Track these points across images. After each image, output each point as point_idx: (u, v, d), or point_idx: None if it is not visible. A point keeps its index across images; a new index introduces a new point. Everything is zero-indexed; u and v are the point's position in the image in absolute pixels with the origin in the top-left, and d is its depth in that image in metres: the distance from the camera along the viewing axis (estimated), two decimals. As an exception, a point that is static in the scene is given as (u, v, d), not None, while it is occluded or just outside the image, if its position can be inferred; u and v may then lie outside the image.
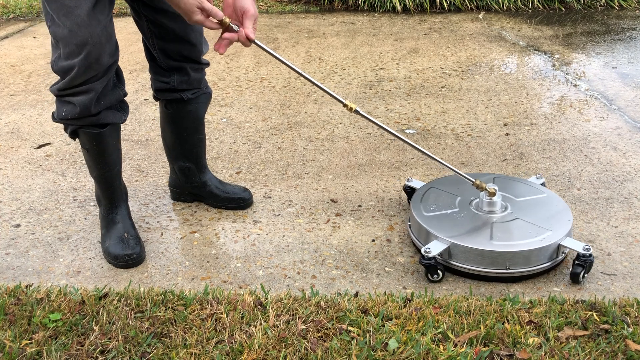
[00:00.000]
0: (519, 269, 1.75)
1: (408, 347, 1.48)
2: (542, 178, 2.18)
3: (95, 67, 1.69)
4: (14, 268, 1.89)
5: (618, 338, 1.51)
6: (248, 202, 2.21)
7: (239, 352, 1.48)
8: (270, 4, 5.94)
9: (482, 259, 1.74)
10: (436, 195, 2.02)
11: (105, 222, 1.99)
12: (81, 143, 1.88)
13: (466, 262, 1.77)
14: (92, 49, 1.65)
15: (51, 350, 1.49)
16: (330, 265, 1.88)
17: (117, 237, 1.93)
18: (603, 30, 4.69)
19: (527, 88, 3.43)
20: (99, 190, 1.98)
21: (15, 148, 2.78)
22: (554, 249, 1.77)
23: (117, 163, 1.94)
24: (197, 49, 1.93)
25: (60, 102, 1.81)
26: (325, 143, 2.76)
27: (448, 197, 2.01)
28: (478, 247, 1.74)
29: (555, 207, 1.94)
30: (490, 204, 1.91)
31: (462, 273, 1.79)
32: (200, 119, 2.08)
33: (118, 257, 1.88)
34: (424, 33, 4.72)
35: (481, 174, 2.18)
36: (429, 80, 3.58)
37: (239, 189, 2.22)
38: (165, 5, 1.80)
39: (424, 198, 2.00)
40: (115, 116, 1.84)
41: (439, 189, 2.06)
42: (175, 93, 1.99)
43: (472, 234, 1.81)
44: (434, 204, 1.96)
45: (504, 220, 1.87)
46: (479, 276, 1.78)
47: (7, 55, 4.34)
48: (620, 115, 3.01)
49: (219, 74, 3.80)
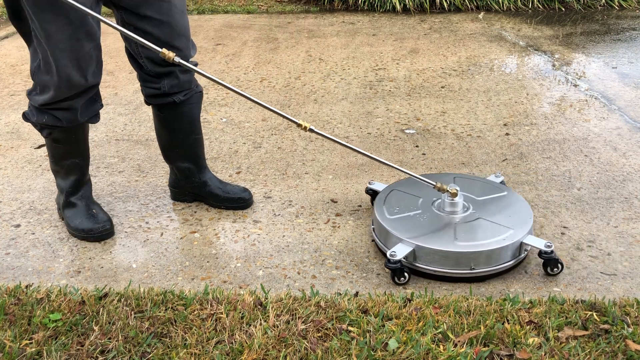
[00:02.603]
0: (483, 269, 1.75)
1: (408, 347, 1.48)
2: (501, 176, 2.18)
3: (75, 87, 1.78)
4: (14, 268, 1.89)
5: (618, 338, 1.51)
6: (248, 202, 2.21)
7: (239, 352, 1.48)
8: (270, 4, 5.94)
9: (447, 260, 1.74)
10: (398, 197, 2.02)
11: (70, 204, 2.06)
12: (53, 139, 1.95)
13: (431, 264, 1.77)
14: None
15: (51, 350, 1.49)
16: (330, 265, 1.88)
17: (86, 214, 2.03)
18: (603, 30, 4.69)
19: (527, 88, 3.43)
20: (66, 176, 2.05)
21: (15, 148, 2.78)
22: (517, 247, 1.78)
23: (88, 150, 2.05)
24: (183, 53, 1.93)
25: (39, 110, 1.88)
26: (325, 143, 2.76)
27: (410, 198, 2.00)
28: (442, 249, 1.74)
29: (516, 205, 1.95)
30: (452, 205, 1.90)
31: (427, 275, 1.79)
32: (195, 120, 2.08)
33: (92, 231, 2.00)
34: (424, 33, 4.72)
35: (442, 174, 2.18)
36: (429, 80, 3.58)
37: (239, 189, 2.22)
38: (148, 11, 1.81)
39: (386, 200, 1.99)
40: (94, 119, 1.95)
41: (401, 191, 2.05)
42: (168, 97, 1.99)
43: (436, 236, 1.81)
44: (397, 206, 1.96)
45: (466, 220, 1.87)
46: (444, 277, 1.78)
47: (7, 55, 4.34)
48: (620, 115, 3.01)
49: (219, 74, 3.80)
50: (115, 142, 2.81)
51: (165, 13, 1.84)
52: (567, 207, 2.18)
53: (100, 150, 2.72)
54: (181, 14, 1.89)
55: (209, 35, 4.78)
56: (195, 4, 5.98)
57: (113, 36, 4.61)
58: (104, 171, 2.52)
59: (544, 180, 2.37)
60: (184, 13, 1.90)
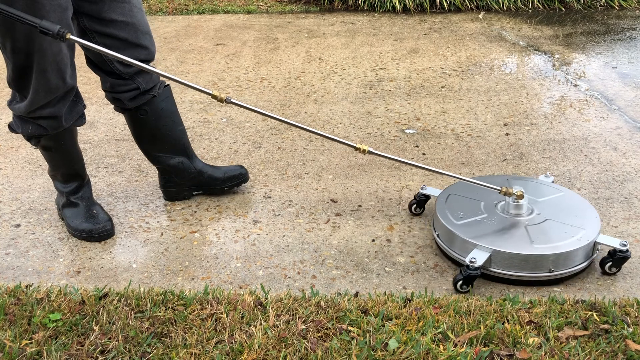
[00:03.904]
0: (561, 271, 1.73)
1: (408, 347, 1.48)
2: (551, 176, 2.17)
3: (53, 91, 1.77)
4: (14, 268, 1.89)
5: (618, 338, 1.51)
6: (247, 176, 2.30)
7: (239, 352, 1.48)
8: (270, 4, 5.94)
9: (526, 263, 1.71)
10: (458, 201, 1.98)
11: (70, 204, 2.07)
12: (43, 147, 1.95)
13: (509, 269, 1.73)
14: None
15: (51, 350, 1.49)
16: (330, 265, 1.88)
17: (86, 214, 2.04)
18: (603, 30, 4.69)
19: (527, 88, 3.43)
20: (64, 181, 2.06)
21: (15, 148, 2.78)
22: (591, 247, 1.77)
23: (81, 153, 2.06)
24: (150, 50, 1.94)
25: (22, 120, 1.87)
26: (325, 143, 2.76)
27: (471, 202, 1.97)
28: (521, 252, 1.71)
29: (578, 205, 1.93)
30: (518, 207, 1.88)
31: (502, 279, 1.76)
32: (175, 112, 2.11)
33: (93, 231, 2.00)
34: (424, 33, 4.72)
35: (494, 176, 2.15)
36: (429, 80, 3.58)
37: (235, 167, 2.29)
38: (113, 14, 1.80)
39: (447, 206, 1.95)
40: (79, 122, 1.95)
41: (459, 195, 2.01)
42: (147, 94, 2.00)
43: (510, 239, 1.77)
44: (461, 211, 1.92)
45: (534, 222, 1.85)
46: (520, 281, 1.75)
47: (7, 55, 4.34)
48: (620, 115, 3.01)
49: (219, 74, 3.80)
50: (115, 142, 2.81)
51: (128, 14, 1.83)
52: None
53: (100, 150, 2.72)
54: (142, 13, 1.90)
55: (209, 35, 4.78)
56: (195, 4, 5.98)
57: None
58: (104, 171, 2.52)
59: (544, 180, 2.37)
60: (142, 11, 1.91)
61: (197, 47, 4.41)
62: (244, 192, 2.34)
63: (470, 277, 1.71)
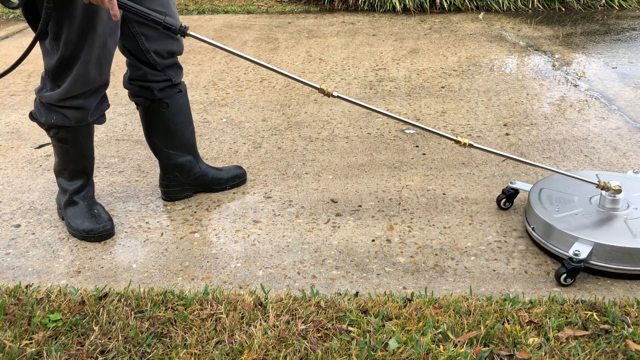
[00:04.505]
0: None
1: (408, 347, 1.48)
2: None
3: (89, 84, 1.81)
4: (14, 268, 1.89)
5: (618, 338, 1.51)
6: (246, 175, 2.41)
7: (239, 352, 1.48)
8: (270, 4, 5.94)
9: (630, 257, 1.73)
10: (551, 196, 1.99)
11: (72, 203, 2.07)
12: (59, 138, 1.95)
13: (611, 262, 1.74)
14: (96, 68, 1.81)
15: (51, 350, 1.49)
16: (330, 265, 1.88)
17: (87, 214, 2.04)
18: (603, 30, 4.69)
19: (527, 88, 3.43)
20: (70, 178, 2.05)
21: (15, 148, 2.78)
22: None
23: (93, 152, 2.06)
24: (179, 42, 2.01)
25: (48, 109, 1.89)
26: (325, 143, 2.76)
27: (564, 196, 1.99)
28: (625, 246, 1.72)
29: None
30: (614, 201, 1.89)
31: (602, 272, 1.77)
32: (190, 110, 2.17)
33: (93, 231, 2.00)
34: (424, 33, 4.72)
35: (584, 172, 2.15)
36: (429, 81, 3.58)
37: (235, 167, 2.39)
38: (152, 4, 1.85)
39: (541, 200, 1.97)
40: (101, 120, 1.97)
41: (552, 190, 2.03)
42: (175, 88, 2.07)
43: (611, 233, 1.79)
44: (557, 205, 1.93)
45: (633, 216, 1.86)
46: (620, 275, 1.76)
47: (7, 55, 4.34)
48: (620, 115, 3.01)
49: (219, 74, 3.80)
50: (115, 142, 2.81)
51: (166, 5, 1.91)
52: (567, 207, 2.18)
53: (100, 150, 2.72)
54: (175, 5, 1.98)
55: (209, 35, 4.78)
56: (195, 4, 5.98)
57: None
58: (104, 171, 2.52)
59: (544, 180, 2.37)
60: (175, 4, 1.99)
61: (197, 47, 4.41)
62: (244, 192, 2.34)
63: (575, 269, 1.72)
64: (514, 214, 2.14)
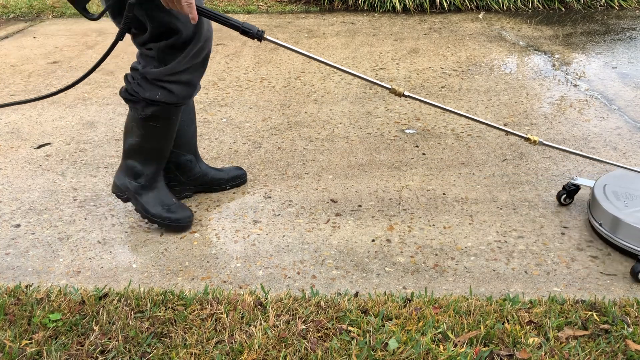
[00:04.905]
0: None
1: (408, 347, 1.48)
2: None
3: (202, 53, 1.85)
4: (14, 268, 1.89)
5: (618, 338, 1.51)
6: (246, 176, 2.41)
7: (239, 352, 1.48)
8: (270, 4, 5.94)
9: None
10: (617, 191, 2.00)
11: (148, 188, 2.05)
12: (153, 116, 1.92)
13: None
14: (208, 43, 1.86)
15: (51, 350, 1.49)
16: (330, 265, 1.88)
17: (170, 202, 2.06)
18: (603, 30, 4.69)
19: (527, 88, 3.43)
20: (145, 161, 2.03)
21: (15, 148, 2.78)
22: None
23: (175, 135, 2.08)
24: None
25: (153, 85, 1.86)
26: (325, 143, 2.76)
27: (631, 192, 1.99)
28: None
29: None
30: None
31: None
32: (193, 109, 2.17)
33: (181, 220, 2.05)
34: (424, 33, 4.72)
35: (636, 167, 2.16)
36: (429, 80, 3.58)
37: (235, 168, 2.40)
38: None
39: (607, 196, 1.97)
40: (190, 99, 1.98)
41: (616, 185, 2.03)
42: None
43: None
44: (625, 201, 1.94)
45: None
46: None
47: (7, 55, 4.34)
48: (620, 115, 3.01)
49: (219, 74, 3.80)
50: (115, 142, 2.81)
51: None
52: (567, 207, 2.18)
53: (100, 150, 2.72)
54: None
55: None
56: (195, 4, 5.98)
57: (112, 37, 4.60)
58: (104, 171, 2.52)
59: (544, 180, 2.37)
60: None
61: (197, 47, 4.41)
62: (244, 192, 2.34)
63: None
64: (513, 214, 2.14)
